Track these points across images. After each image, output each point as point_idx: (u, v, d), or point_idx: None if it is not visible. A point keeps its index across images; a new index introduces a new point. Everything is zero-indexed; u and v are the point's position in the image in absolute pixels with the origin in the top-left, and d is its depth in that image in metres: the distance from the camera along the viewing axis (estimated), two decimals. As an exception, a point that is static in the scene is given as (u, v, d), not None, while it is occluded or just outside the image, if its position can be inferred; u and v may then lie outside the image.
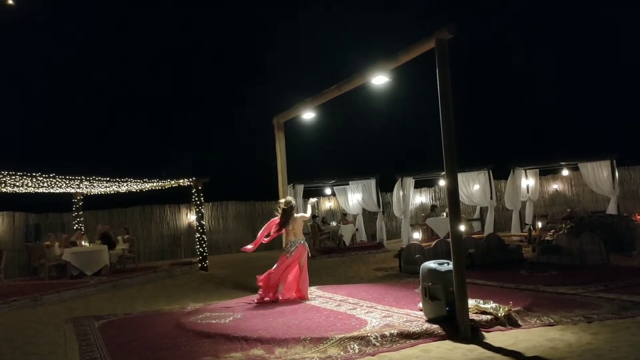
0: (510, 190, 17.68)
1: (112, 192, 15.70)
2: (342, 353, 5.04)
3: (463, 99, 23.98)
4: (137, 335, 6.54)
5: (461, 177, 17.70)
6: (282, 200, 8.40)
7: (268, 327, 6.12)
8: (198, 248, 15.25)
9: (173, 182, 15.13)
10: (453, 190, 5.76)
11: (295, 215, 8.18)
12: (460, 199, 16.34)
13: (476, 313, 5.87)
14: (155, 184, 14.96)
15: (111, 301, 9.94)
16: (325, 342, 5.27)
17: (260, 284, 8.11)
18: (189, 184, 15.43)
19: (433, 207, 18.89)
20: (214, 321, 6.79)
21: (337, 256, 15.93)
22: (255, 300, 7.98)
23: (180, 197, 19.78)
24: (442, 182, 20.66)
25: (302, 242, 8.07)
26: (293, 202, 8.28)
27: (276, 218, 8.24)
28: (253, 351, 5.28)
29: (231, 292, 10.31)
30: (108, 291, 11.29)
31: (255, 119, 24.85)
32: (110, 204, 19.05)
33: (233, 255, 19.70)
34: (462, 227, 6.25)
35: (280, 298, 7.94)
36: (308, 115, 9.23)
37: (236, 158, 28.19)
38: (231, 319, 6.87)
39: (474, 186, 18.45)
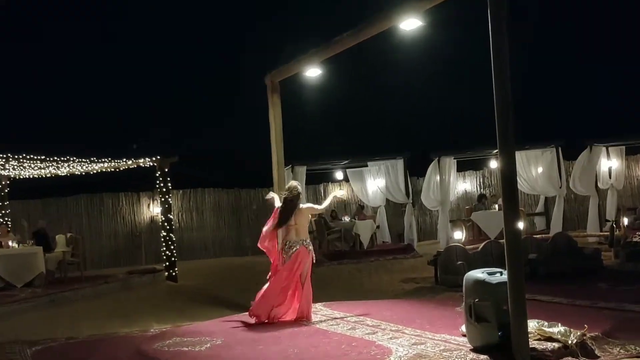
0: (581, 171, 17.51)
1: (49, 175, 15.74)
2: (358, 392, 5.08)
3: (525, 54, 23.82)
4: (83, 367, 6.60)
5: (520, 157, 17.62)
6: (293, 182, 8.33)
7: (258, 356, 6.15)
8: (164, 251, 15.32)
9: (130, 162, 15.14)
10: (509, 175, 5.73)
11: (301, 206, 8.14)
12: (519, 186, 16.26)
13: (539, 340, 5.86)
14: (106, 165, 14.98)
15: (49, 321, 10.00)
16: (335, 377, 5.31)
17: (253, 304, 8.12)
18: (151, 164, 15.45)
19: (481, 197, 18.84)
20: (186, 348, 6.83)
21: (351, 262, 15.95)
22: (250, 320, 8.04)
23: (140, 183, 19.84)
24: (493, 164, 20.56)
25: (305, 243, 8.05)
26: (299, 188, 8.23)
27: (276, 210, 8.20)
28: (239, 389, 5.34)
29: (209, 310, 10.33)
30: (44, 308, 11.32)
31: (243, 79, 24.73)
32: (45, 191, 19.13)
33: (211, 261, 19.78)
34: (521, 224, 6.25)
35: (275, 319, 7.99)
36: (313, 72, 9.21)
37: (216, 132, 28.13)
38: (209, 345, 6.91)
39: (537, 169, 18.37)
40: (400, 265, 15.01)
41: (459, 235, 17.18)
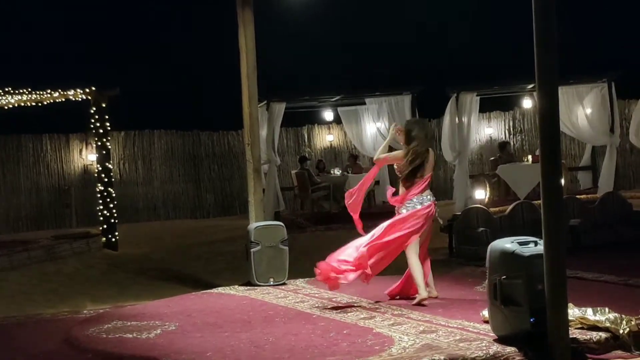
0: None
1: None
2: (349, 392, 5.17)
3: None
4: (-2, 358, 6.65)
5: (562, 95, 17.54)
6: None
7: (223, 346, 6.20)
8: (101, 210, 15.30)
9: (57, 94, 14.99)
10: (550, 116, 5.70)
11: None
12: (561, 131, 16.31)
13: (581, 329, 5.93)
14: (26, 98, 14.84)
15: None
16: (321, 373, 5.38)
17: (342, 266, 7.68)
18: (83, 98, 15.32)
19: (503, 145, 18.84)
20: (130, 335, 6.88)
21: (342, 228, 15.92)
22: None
23: (69, 123, 19.66)
24: (527, 103, 20.54)
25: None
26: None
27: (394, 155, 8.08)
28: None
29: (159, 287, 10.41)
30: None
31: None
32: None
33: (162, 224, 19.78)
34: (562, 181, 6.24)
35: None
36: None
37: (169, 57, 27.85)
38: (159, 332, 6.96)
39: (583, 110, 18.33)
40: (405, 232, 15.07)
41: (481, 194, 17.21)
